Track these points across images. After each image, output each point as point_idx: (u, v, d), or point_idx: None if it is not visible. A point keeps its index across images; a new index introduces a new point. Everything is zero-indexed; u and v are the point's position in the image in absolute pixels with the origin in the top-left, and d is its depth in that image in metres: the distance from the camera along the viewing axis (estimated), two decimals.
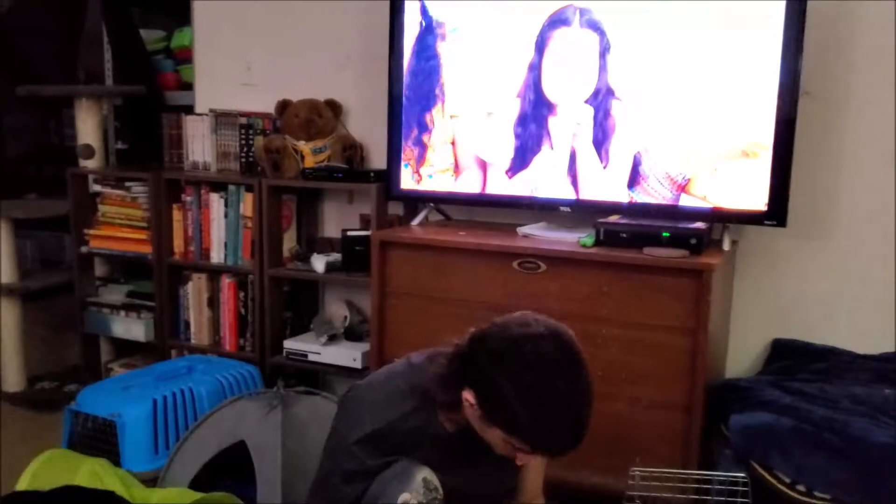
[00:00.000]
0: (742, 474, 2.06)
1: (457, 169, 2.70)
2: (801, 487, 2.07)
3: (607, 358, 2.29)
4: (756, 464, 2.11)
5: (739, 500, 2.01)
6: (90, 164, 3.30)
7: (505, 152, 2.63)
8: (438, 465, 1.56)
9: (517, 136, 2.60)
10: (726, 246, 2.40)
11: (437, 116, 2.70)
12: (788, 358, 2.51)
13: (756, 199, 2.34)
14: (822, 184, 2.50)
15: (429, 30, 2.68)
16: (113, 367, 3.41)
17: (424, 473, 1.52)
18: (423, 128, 2.72)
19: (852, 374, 2.34)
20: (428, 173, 2.74)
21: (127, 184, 3.23)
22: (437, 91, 2.69)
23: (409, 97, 2.73)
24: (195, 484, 2.26)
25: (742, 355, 2.64)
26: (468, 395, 1.53)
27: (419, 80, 2.71)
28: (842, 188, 2.49)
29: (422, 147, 2.73)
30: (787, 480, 2.08)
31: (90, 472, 2.17)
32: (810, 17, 2.24)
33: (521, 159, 2.61)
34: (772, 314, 2.60)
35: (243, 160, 3.08)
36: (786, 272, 2.57)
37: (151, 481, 2.34)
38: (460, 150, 2.69)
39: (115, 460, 2.42)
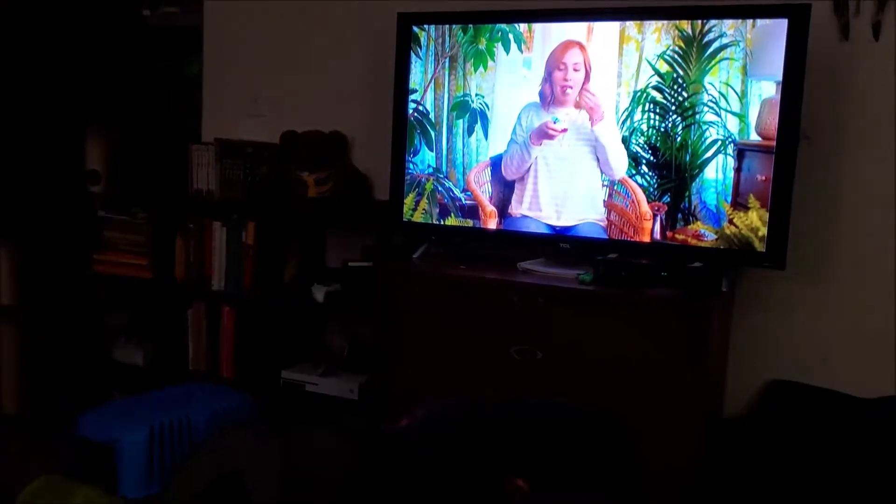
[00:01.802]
0: None
1: (458, 203, 2.73)
2: None
3: (604, 395, 2.30)
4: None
5: None
6: (96, 189, 3.33)
7: (505, 187, 2.66)
8: None
9: (517, 171, 2.64)
10: (724, 287, 2.41)
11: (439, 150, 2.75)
12: (786, 399, 2.52)
13: (755, 240, 2.36)
14: (821, 227, 2.53)
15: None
16: (112, 392, 3.41)
17: None
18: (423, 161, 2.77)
19: (849, 418, 2.35)
20: (424, 207, 2.77)
21: (132, 210, 3.25)
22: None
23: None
24: None
25: (740, 395, 2.64)
26: (522, 483, 1.50)
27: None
28: (840, 232, 2.52)
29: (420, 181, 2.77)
30: None
31: (84, 500, 2.17)
32: (810, 62, 2.28)
33: (521, 195, 2.64)
34: (770, 355, 2.61)
35: (248, 189, 3.10)
36: (784, 314, 2.58)
37: None
38: (462, 185, 2.73)
39: (112, 485, 2.42)
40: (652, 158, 2.47)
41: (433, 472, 1.50)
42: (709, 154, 2.40)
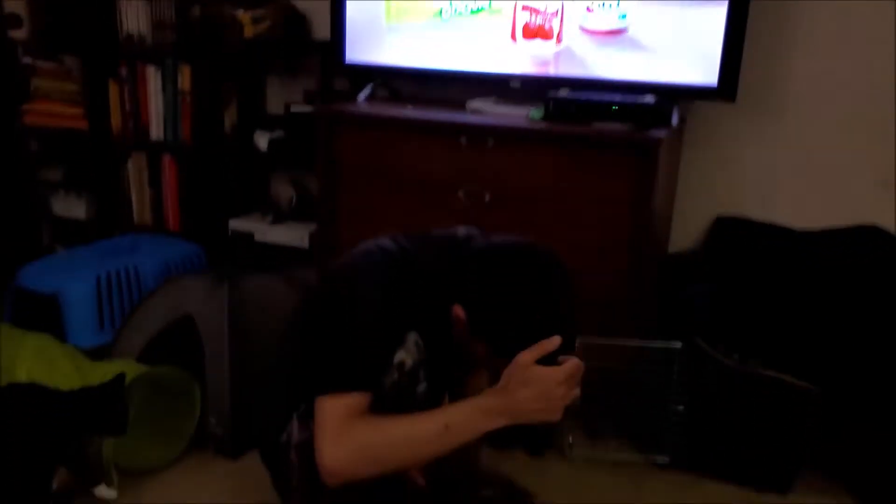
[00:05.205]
0: (678, 343, 2.14)
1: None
2: (735, 356, 2.15)
3: (553, 231, 2.29)
4: (697, 335, 2.18)
5: (676, 368, 2.11)
6: (18, 35, 3.12)
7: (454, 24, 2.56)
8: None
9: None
10: (674, 121, 2.39)
11: None
12: (731, 234, 2.56)
13: (707, 74, 2.32)
14: (773, 61, 2.48)
15: None
16: (55, 246, 3.34)
17: (414, 336, 1.54)
18: None
19: (794, 252, 2.40)
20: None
21: (60, 56, 3.07)
22: None
23: None
24: (143, 360, 2.25)
25: (686, 231, 2.67)
26: (459, 311, 1.51)
27: None
28: (792, 66, 2.48)
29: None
30: (724, 349, 2.16)
31: (35, 347, 2.15)
32: None
33: (471, 31, 2.54)
34: (717, 191, 2.62)
35: (180, 30, 2.93)
36: (732, 149, 2.58)
37: (98, 356, 2.32)
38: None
39: (60, 336, 2.40)
40: None
41: (375, 299, 1.50)
42: None
